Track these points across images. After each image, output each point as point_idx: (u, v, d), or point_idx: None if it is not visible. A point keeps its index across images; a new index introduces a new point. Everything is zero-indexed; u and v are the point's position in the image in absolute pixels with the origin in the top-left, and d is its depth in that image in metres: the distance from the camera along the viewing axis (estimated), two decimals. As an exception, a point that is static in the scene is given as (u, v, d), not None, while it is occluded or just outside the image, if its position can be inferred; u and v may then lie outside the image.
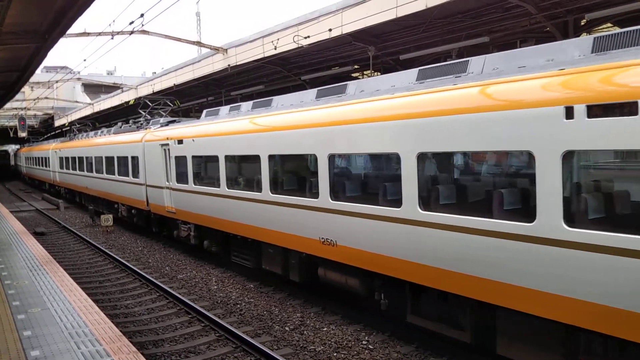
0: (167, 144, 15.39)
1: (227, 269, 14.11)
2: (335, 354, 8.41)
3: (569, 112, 5.53)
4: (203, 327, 9.81)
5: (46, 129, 54.81)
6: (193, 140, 13.78)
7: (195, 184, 13.95)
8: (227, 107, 13.60)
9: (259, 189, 11.06)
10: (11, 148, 72.59)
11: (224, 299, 11.57)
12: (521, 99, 6.03)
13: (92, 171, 24.72)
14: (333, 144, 8.96)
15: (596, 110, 5.32)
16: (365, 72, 21.61)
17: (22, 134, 38.03)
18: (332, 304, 10.56)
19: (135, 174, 18.35)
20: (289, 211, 10.18)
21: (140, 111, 22.24)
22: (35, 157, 43.63)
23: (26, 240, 14.37)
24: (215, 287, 12.61)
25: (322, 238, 9.27)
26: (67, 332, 6.96)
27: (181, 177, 14.72)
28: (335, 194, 9.06)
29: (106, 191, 22.57)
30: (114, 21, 18.28)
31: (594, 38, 6.11)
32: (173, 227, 16.38)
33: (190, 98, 29.95)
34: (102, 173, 22.76)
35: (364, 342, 8.80)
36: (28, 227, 19.63)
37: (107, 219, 21.36)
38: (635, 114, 4.99)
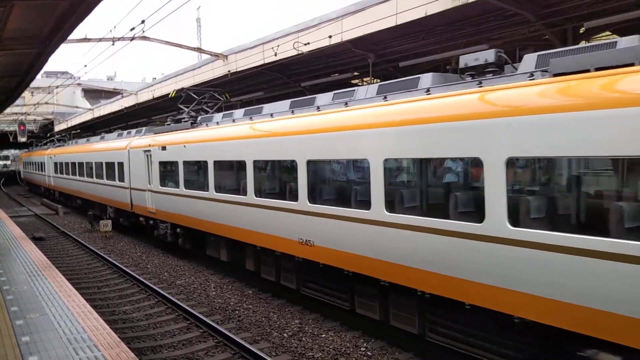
0: None
1: (226, 275, 14.10)
2: (333, 361, 8.40)
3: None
4: (201, 333, 9.80)
5: (45, 134, 54.83)
6: None
7: None
8: None
9: None
10: (11, 153, 72.58)
11: (222, 305, 11.56)
12: None
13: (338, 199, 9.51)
14: None
15: None
16: (365, 79, 21.68)
17: (22, 139, 37.95)
18: (330, 310, 10.55)
19: None
20: None
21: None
22: (83, 163, 26.21)
23: (25, 245, 14.35)
24: (213, 293, 12.60)
25: None
26: (65, 337, 6.95)
27: None
28: None
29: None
30: (115, 27, 18.38)
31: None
32: None
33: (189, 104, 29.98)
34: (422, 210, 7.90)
35: (362, 349, 8.79)
36: (27, 232, 19.62)
37: (105, 225, 21.29)
38: None
